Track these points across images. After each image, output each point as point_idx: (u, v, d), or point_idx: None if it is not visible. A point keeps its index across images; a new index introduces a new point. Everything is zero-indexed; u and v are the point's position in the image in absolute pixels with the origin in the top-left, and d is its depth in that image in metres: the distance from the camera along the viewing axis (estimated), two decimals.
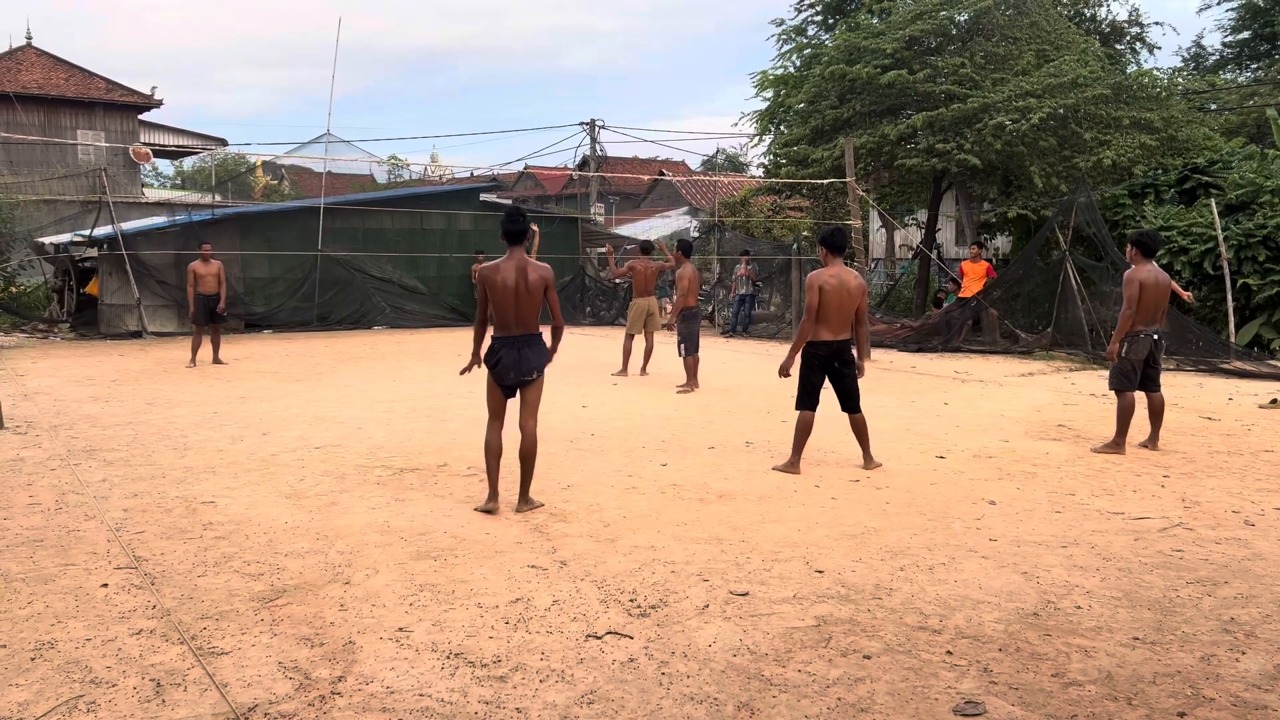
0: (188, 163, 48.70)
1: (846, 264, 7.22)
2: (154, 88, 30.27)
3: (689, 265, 11.91)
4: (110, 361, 14.19)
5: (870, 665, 3.70)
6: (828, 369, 7.04)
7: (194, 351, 13.65)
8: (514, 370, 5.81)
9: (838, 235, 7.04)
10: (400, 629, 4.04)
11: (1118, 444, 7.71)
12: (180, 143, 32.76)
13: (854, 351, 7.07)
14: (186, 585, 4.57)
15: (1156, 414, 7.88)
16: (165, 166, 50.08)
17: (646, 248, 13.58)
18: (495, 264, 5.82)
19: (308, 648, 3.84)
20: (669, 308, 13.01)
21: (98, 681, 3.54)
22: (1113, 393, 7.93)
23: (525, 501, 5.97)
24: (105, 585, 4.57)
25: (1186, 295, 10.40)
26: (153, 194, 33.52)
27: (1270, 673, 3.63)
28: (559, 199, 48.31)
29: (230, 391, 11.13)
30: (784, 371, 7.16)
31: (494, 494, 5.94)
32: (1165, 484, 6.62)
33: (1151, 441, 7.86)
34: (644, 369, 12.58)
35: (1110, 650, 3.83)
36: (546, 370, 6.03)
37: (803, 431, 7.06)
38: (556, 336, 6.17)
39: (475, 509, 5.93)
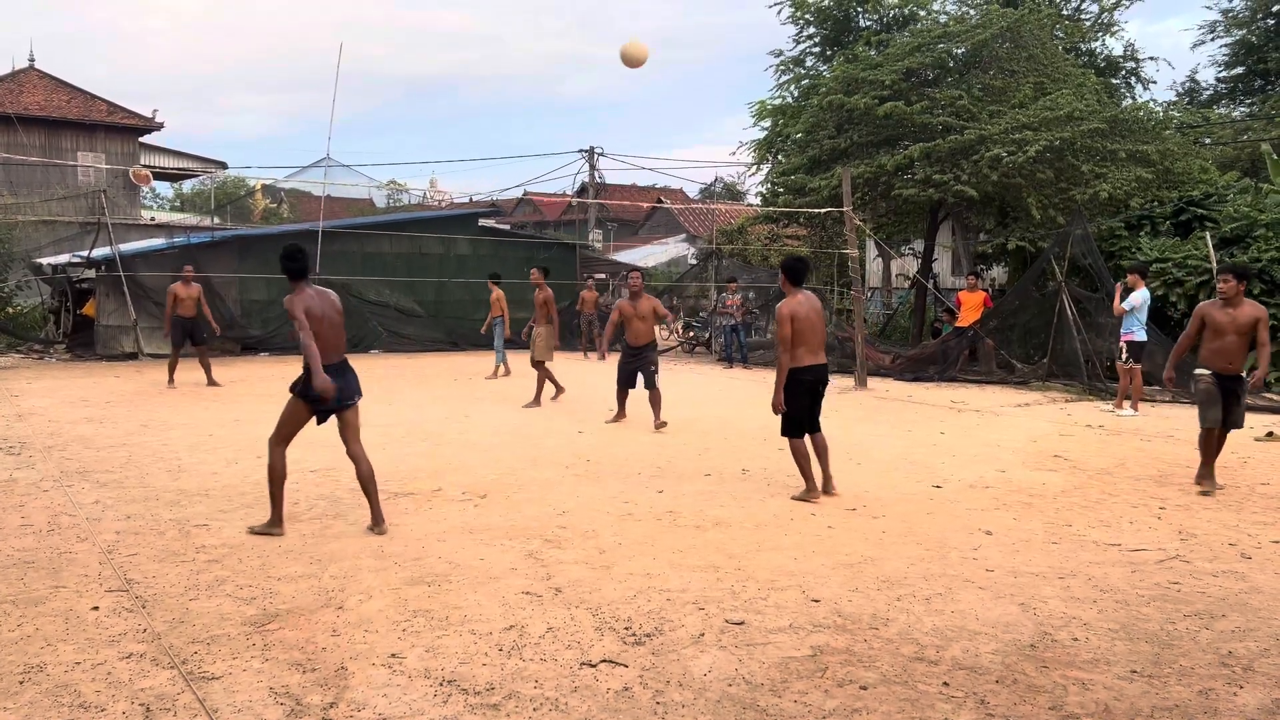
0: (187, 185, 48.82)
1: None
2: (155, 110, 30.37)
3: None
4: (105, 383, 14.15)
5: (867, 696, 3.67)
6: (813, 393, 7.16)
7: (171, 371, 13.90)
8: (339, 395, 5.89)
9: (799, 264, 7.19)
10: (393, 655, 4.00)
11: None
12: (180, 165, 32.86)
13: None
14: (178, 609, 4.54)
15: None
16: (164, 189, 50.24)
17: (545, 270, 13.56)
18: (307, 294, 5.89)
19: (299, 673, 3.81)
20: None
21: (87, 706, 3.50)
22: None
23: (378, 522, 6.00)
24: (96, 608, 4.53)
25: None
26: (151, 216, 33.60)
27: (1269, 707, 3.60)
28: (558, 225, 48.49)
29: (225, 414, 11.10)
30: (778, 408, 7.11)
31: (278, 519, 5.93)
32: (1162, 516, 6.61)
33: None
34: (556, 395, 12.52)
35: (1108, 683, 3.80)
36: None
37: (802, 458, 7.08)
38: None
39: (253, 530, 5.91)
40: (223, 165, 34.23)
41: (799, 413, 7.08)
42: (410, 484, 7.38)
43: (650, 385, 10.32)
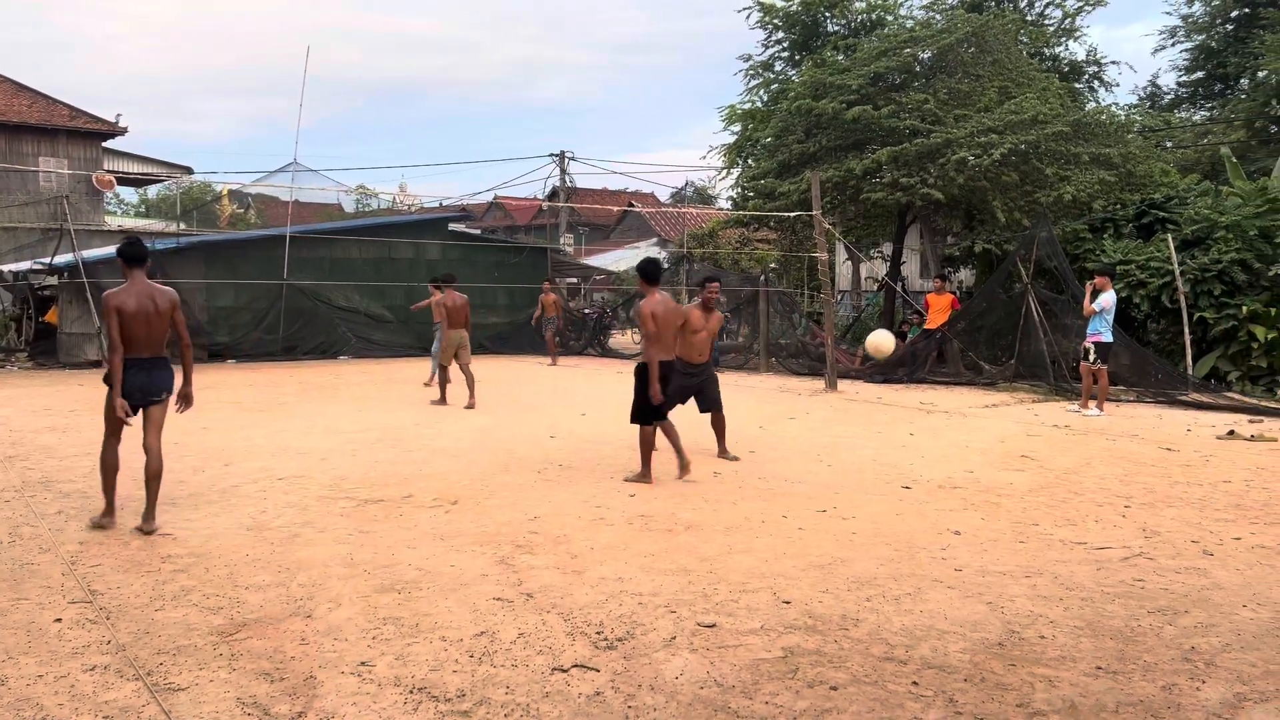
0: (152, 190, 48.27)
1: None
2: (118, 115, 29.96)
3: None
4: (69, 391, 13.94)
5: (837, 696, 3.69)
6: (672, 383, 7.83)
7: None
8: (141, 391, 6.05)
9: (652, 265, 7.96)
10: (362, 663, 3.97)
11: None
12: (145, 170, 32.43)
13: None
14: (143, 620, 4.48)
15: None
16: (129, 194, 49.64)
17: (449, 278, 13.65)
18: (123, 289, 6.02)
19: (267, 683, 3.77)
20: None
21: (49, 719, 3.45)
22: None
23: (149, 520, 6.07)
24: (59, 620, 4.46)
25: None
26: (115, 222, 33.16)
27: (1230, 701, 3.66)
28: (529, 229, 48.42)
29: (192, 422, 10.93)
30: (656, 398, 7.63)
31: (110, 509, 6.18)
32: (1126, 514, 6.70)
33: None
34: (470, 401, 12.46)
35: (1074, 680, 3.85)
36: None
37: (648, 446, 7.75)
38: (186, 358, 6.39)
39: (90, 523, 6.12)
40: (188, 170, 33.81)
41: (647, 402, 7.66)
42: (380, 490, 7.33)
43: (716, 407, 8.90)
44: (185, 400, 6.37)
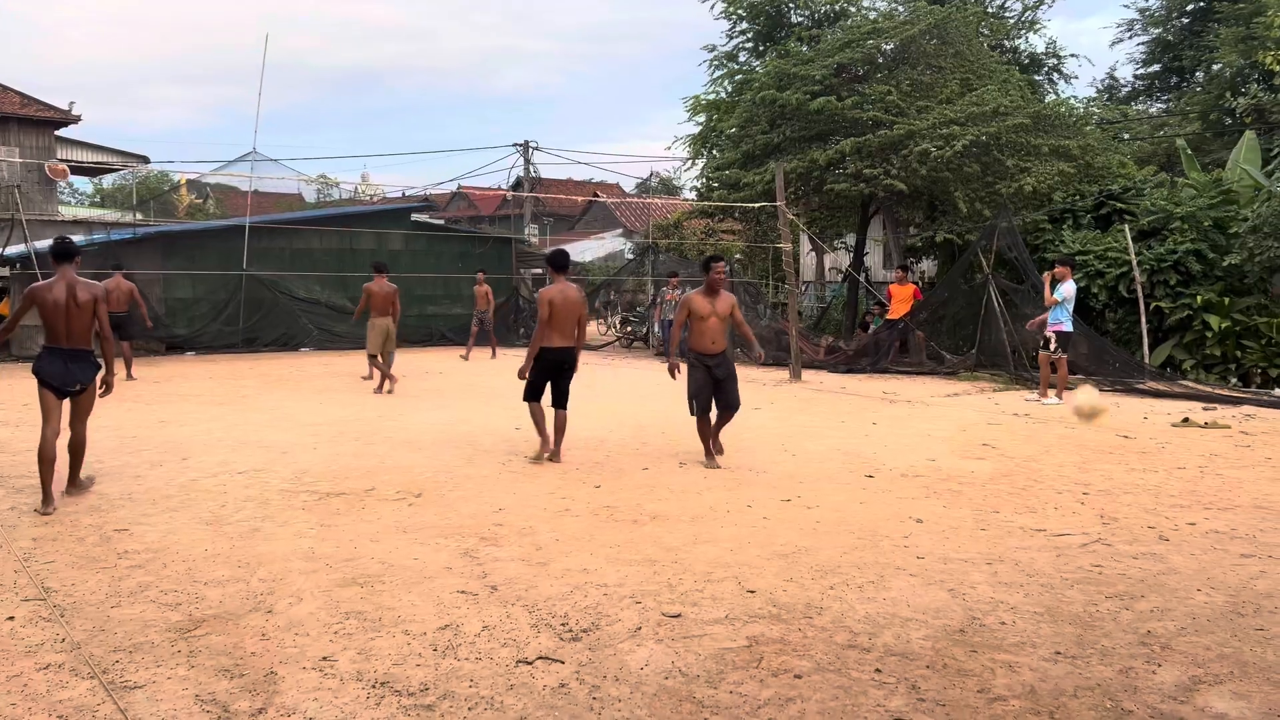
0: (108, 180, 47.34)
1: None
2: (71, 103, 29.30)
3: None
4: (21, 384, 13.63)
5: (801, 685, 3.71)
6: (555, 370, 8.08)
7: None
8: (59, 380, 6.37)
9: (560, 256, 8.30)
10: (324, 658, 3.93)
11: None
12: (99, 159, 31.74)
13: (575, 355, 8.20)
14: (99, 617, 4.39)
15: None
16: (83, 184, 48.63)
17: (380, 267, 13.91)
18: (48, 283, 6.45)
19: (227, 679, 3.72)
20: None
21: (1, 719, 3.38)
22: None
23: (74, 485, 6.68)
24: (12, 618, 4.36)
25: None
26: (70, 212, 32.47)
27: (1185, 684, 3.73)
28: (493, 219, 48.11)
29: (149, 415, 10.79)
30: (522, 374, 8.15)
31: (48, 498, 6.34)
32: (1085, 501, 6.80)
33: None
34: (390, 388, 12.88)
35: (1033, 665, 3.90)
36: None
37: (539, 418, 8.16)
38: (106, 351, 6.72)
39: (35, 511, 6.26)
40: (144, 160, 33.12)
41: (538, 381, 8.10)
42: (342, 484, 7.25)
43: (731, 404, 8.17)
44: (106, 387, 6.69)
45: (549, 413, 8.22)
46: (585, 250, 38.68)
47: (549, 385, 8.16)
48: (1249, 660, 3.96)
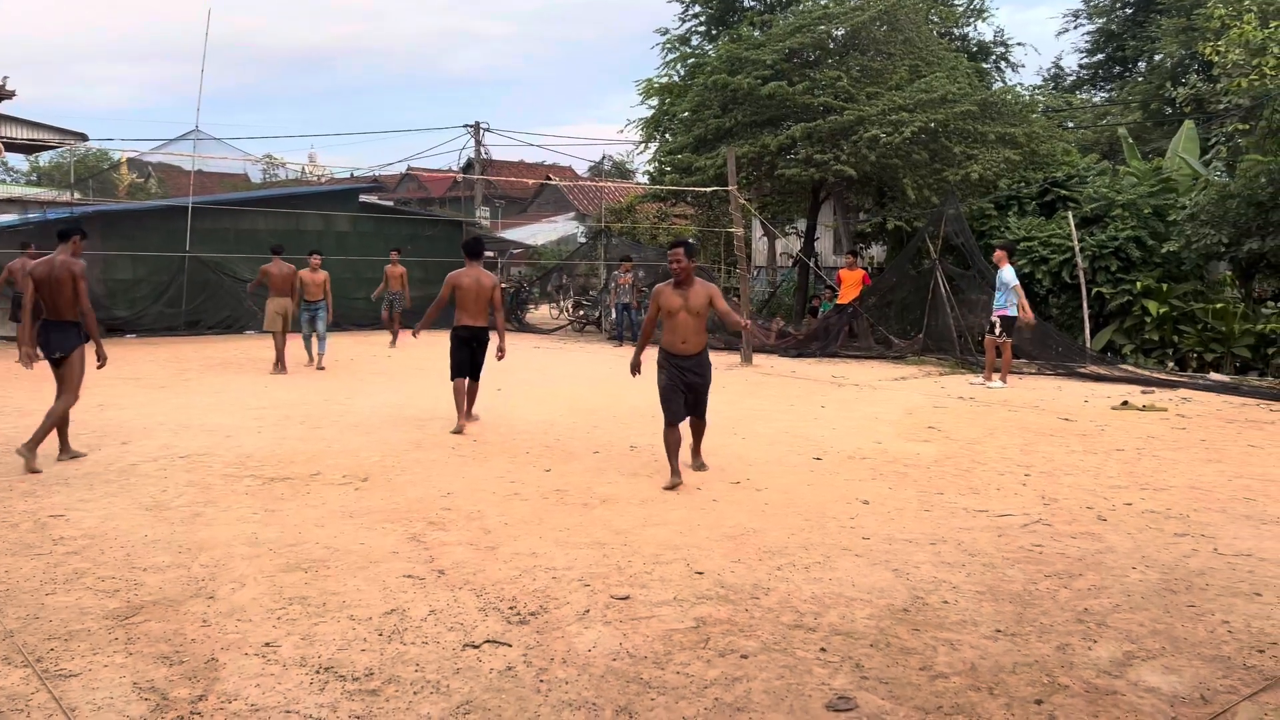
0: (44, 158, 45.90)
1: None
2: (5, 78, 28.37)
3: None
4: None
5: (747, 664, 3.74)
6: (468, 347, 8.88)
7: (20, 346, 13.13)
8: (42, 348, 7.25)
9: (474, 243, 9.21)
10: (267, 644, 3.87)
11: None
12: (35, 136, 30.68)
13: (491, 334, 8.99)
14: (33, 604, 4.29)
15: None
16: (18, 161, 47.12)
17: (277, 249, 14.26)
18: (37, 259, 7.38)
19: (166, 666, 3.65)
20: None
21: None
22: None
23: (31, 445, 7.04)
24: None
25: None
26: (4, 190, 31.49)
27: (1120, 660, 3.83)
28: (443, 201, 47.62)
29: (88, 399, 10.48)
30: (415, 332, 9.44)
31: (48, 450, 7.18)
32: (1027, 482, 6.93)
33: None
34: (282, 366, 13.44)
35: (974, 643, 3.97)
36: None
37: (460, 396, 8.86)
38: (90, 325, 7.35)
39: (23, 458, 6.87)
40: (82, 137, 32.14)
41: (457, 358, 8.85)
42: (287, 468, 7.14)
43: (699, 411, 7.19)
44: (100, 360, 7.48)
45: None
46: (538, 233, 38.47)
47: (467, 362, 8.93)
48: (1180, 636, 4.07)
